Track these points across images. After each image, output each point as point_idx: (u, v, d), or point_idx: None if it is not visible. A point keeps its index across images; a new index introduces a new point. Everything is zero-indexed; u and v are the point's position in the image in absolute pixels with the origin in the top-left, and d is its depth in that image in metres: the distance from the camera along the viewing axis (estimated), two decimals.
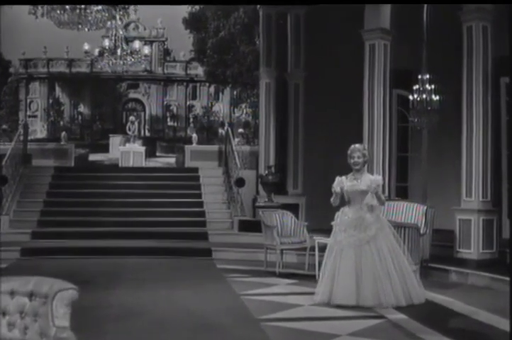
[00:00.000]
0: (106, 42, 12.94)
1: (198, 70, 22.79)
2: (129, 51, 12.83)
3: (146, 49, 13.20)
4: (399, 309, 7.75)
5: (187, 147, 19.18)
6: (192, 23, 22.01)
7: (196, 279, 10.13)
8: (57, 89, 22.57)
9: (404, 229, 9.13)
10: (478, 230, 10.50)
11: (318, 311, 7.79)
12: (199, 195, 16.06)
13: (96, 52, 13.13)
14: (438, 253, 10.60)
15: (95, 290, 8.97)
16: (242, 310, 7.81)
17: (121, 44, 12.75)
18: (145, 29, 22.98)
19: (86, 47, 13.23)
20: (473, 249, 10.49)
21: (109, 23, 13.29)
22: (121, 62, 12.86)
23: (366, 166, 8.50)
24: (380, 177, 8.55)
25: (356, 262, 7.92)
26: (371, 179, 8.19)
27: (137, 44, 13.05)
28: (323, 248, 8.98)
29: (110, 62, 12.95)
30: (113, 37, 12.93)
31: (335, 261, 8.05)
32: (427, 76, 13.07)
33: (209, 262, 12.01)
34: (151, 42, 22.64)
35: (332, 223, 8.34)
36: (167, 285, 9.45)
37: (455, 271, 10.06)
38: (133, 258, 12.19)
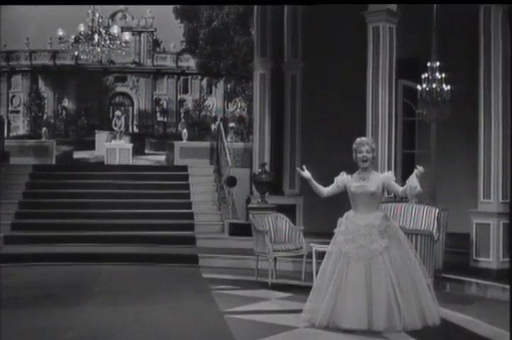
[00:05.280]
0: (82, 28, 11.74)
1: (190, 62, 21.93)
2: (107, 37, 11.63)
3: (127, 36, 11.98)
4: (411, 332, 6.52)
5: (177, 144, 18.26)
6: (183, 13, 21.02)
7: (176, 292, 8.94)
8: (40, 83, 21.52)
9: (416, 236, 7.92)
10: (497, 236, 9.38)
11: (315, 336, 6.55)
12: (188, 196, 14.99)
13: (72, 38, 11.91)
14: (452, 262, 9.42)
15: (59, 306, 7.94)
16: (223, 334, 6.61)
17: (98, 29, 11.55)
18: (132, 19, 21.96)
19: (61, 32, 12.00)
20: (492, 258, 9.39)
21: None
22: (99, 49, 11.67)
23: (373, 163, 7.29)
24: (392, 173, 7.31)
25: (366, 277, 6.65)
26: (381, 177, 7.00)
27: (115, 29, 11.84)
28: (322, 256, 7.77)
29: (88, 49, 11.74)
30: (90, 22, 11.74)
31: (339, 275, 6.76)
32: (437, 63, 11.92)
33: (195, 270, 10.86)
34: (139, 33, 21.70)
35: (335, 230, 7.10)
36: (142, 300, 8.31)
37: (472, 283, 8.86)
38: (111, 265, 11.16)
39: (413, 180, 6.78)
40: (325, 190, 7.25)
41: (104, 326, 6.98)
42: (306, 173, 7.26)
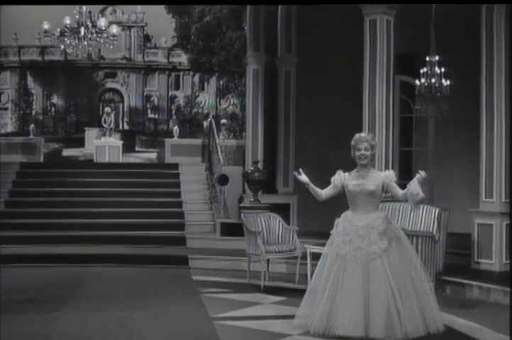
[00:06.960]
0: (67, 20, 11.31)
1: (182, 58, 21.53)
2: (94, 30, 11.20)
3: (114, 29, 11.54)
4: None
5: (168, 141, 17.93)
6: (175, 7, 20.57)
7: (164, 296, 8.53)
8: (29, 79, 21.09)
9: (417, 238, 7.53)
10: (500, 237, 8.98)
11: None
12: (178, 194, 14.60)
13: (58, 31, 11.45)
14: (453, 264, 9.06)
15: (39, 312, 7.55)
16: None
17: (85, 21, 11.12)
18: (123, 13, 21.55)
19: (46, 26, 11.55)
20: (494, 259, 8.98)
21: None
22: (85, 43, 11.25)
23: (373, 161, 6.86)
24: (393, 172, 6.84)
25: (363, 281, 6.24)
26: (382, 176, 6.57)
27: (102, 21, 11.41)
28: (317, 257, 7.39)
29: (74, 43, 11.31)
30: (76, 14, 11.30)
31: (335, 279, 6.35)
32: (436, 57, 11.56)
33: (184, 272, 10.49)
34: (130, 28, 21.30)
35: (332, 232, 6.69)
36: (126, 305, 7.92)
37: (474, 286, 8.50)
38: (98, 266, 10.81)
39: (414, 186, 6.32)
40: (323, 193, 6.82)
41: (86, 333, 6.61)
42: (303, 178, 6.80)
